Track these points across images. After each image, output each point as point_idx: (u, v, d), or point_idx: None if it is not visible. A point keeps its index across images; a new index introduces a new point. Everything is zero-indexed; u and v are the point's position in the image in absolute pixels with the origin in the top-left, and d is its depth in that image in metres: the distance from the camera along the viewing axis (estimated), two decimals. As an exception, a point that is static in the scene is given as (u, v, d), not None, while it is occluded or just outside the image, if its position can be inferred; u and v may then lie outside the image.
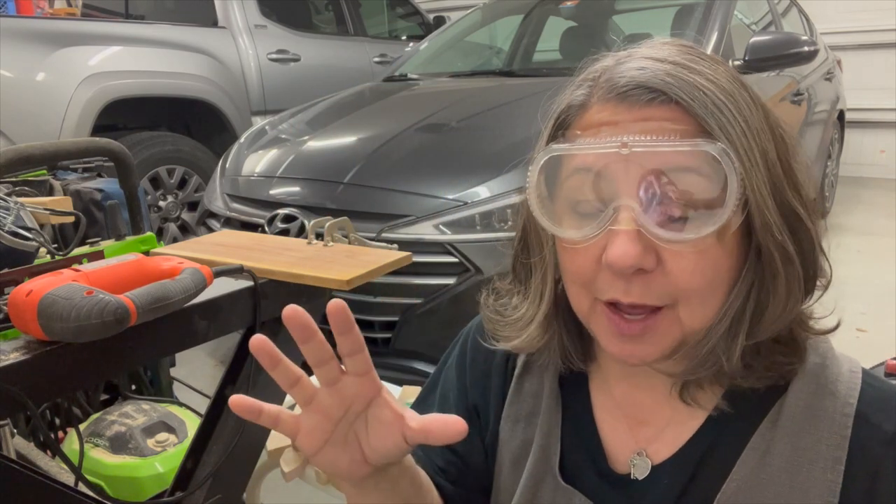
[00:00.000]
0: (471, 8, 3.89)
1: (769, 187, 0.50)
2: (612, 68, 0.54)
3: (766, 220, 0.50)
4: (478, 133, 2.35)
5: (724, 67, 0.53)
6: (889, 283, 3.16)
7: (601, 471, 0.62)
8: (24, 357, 0.68)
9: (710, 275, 0.51)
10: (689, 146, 0.48)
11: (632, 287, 0.51)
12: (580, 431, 0.64)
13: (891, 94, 5.44)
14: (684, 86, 0.49)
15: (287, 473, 1.28)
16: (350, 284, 0.92)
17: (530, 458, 0.64)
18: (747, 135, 0.49)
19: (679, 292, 0.51)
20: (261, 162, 2.50)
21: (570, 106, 0.55)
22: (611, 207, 0.50)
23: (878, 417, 0.53)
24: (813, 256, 0.54)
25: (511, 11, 3.83)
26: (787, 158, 0.53)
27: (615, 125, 0.51)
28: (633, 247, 0.49)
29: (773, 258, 0.51)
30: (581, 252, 0.53)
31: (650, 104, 0.50)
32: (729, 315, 0.53)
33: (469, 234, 1.90)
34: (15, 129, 2.97)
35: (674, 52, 0.53)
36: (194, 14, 3.93)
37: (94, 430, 1.45)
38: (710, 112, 0.49)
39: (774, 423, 0.55)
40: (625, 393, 0.63)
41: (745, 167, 0.48)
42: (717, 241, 0.50)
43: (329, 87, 3.76)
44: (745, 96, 0.52)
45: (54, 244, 1.16)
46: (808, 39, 2.66)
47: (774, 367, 0.55)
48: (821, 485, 0.52)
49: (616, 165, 0.50)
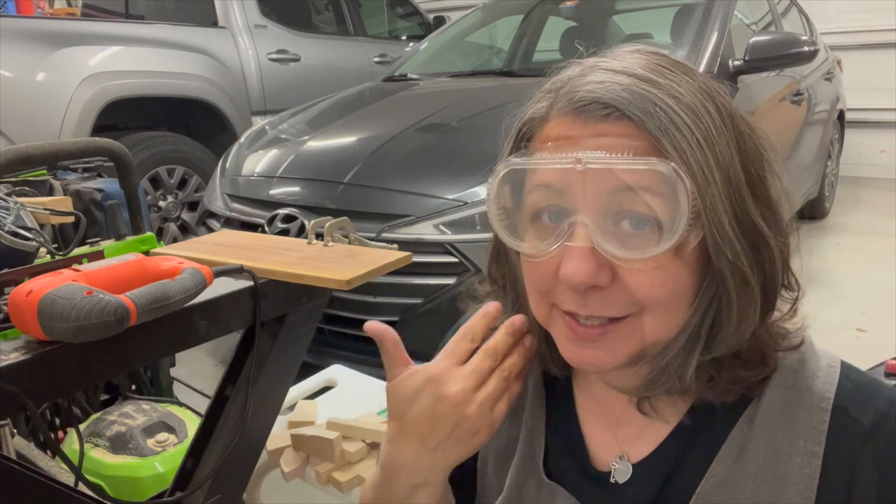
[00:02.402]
0: (471, 8, 3.89)
1: (727, 204, 0.49)
2: (573, 80, 0.53)
3: (717, 240, 0.49)
4: (478, 133, 2.35)
5: (691, 79, 0.52)
6: (889, 283, 3.16)
7: (584, 469, 0.62)
8: (24, 357, 0.68)
9: (670, 287, 0.50)
10: (641, 164, 0.47)
11: (588, 301, 0.51)
12: (564, 430, 0.64)
13: (891, 94, 5.44)
14: (640, 101, 0.48)
15: (287, 473, 1.28)
16: (350, 284, 0.92)
17: (516, 456, 0.65)
18: (705, 151, 0.48)
19: (643, 302, 0.51)
20: (261, 162, 2.50)
21: (532, 118, 0.56)
22: (566, 223, 0.51)
23: (855, 411, 0.53)
24: (774, 275, 0.52)
25: (511, 11, 3.83)
26: (758, 171, 0.52)
27: (572, 140, 0.51)
28: (586, 264, 0.49)
29: (725, 277, 0.50)
30: (539, 265, 0.53)
31: (605, 119, 0.49)
32: (686, 331, 0.52)
33: (469, 234, 1.90)
34: (15, 129, 2.97)
35: (639, 62, 0.52)
36: (194, 14, 3.93)
37: (94, 430, 1.45)
38: (663, 129, 0.48)
39: (751, 420, 0.55)
40: (602, 394, 0.63)
41: (699, 186, 0.47)
42: (674, 256, 0.49)
43: (329, 87, 3.77)
44: (710, 108, 0.50)
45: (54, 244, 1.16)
46: (808, 39, 2.65)
47: (738, 380, 0.54)
48: (798, 479, 0.52)
49: (572, 181, 0.50)
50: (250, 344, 0.96)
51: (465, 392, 0.56)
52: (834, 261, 3.56)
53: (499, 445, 0.67)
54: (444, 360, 0.58)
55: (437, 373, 0.57)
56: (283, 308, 0.98)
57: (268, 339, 0.99)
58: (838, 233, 4.10)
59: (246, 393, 0.96)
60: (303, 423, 1.36)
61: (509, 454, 0.66)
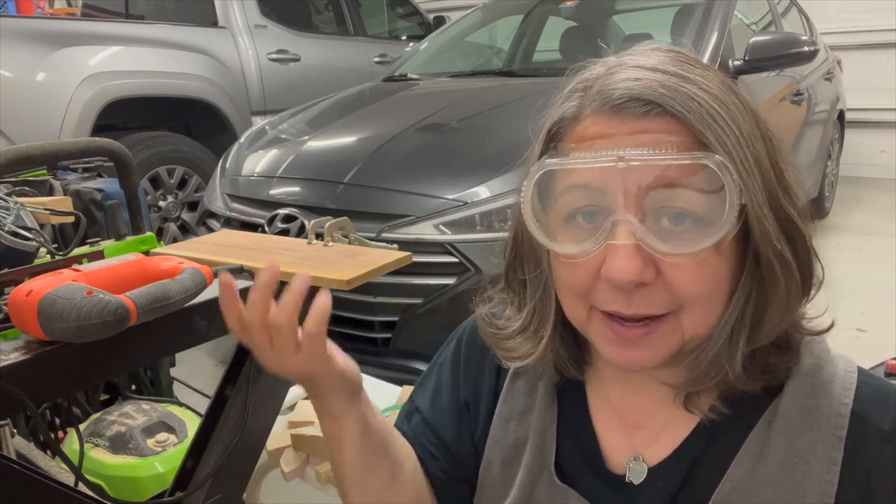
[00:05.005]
0: (471, 8, 3.89)
1: (765, 195, 0.50)
2: (603, 78, 0.53)
3: (764, 229, 0.50)
4: (478, 133, 2.35)
5: (714, 73, 0.53)
6: (889, 283, 3.16)
7: (597, 471, 0.62)
8: (24, 357, 0.68)
9: (711, 282, 0.51)
10: (687, 159, 0.48)
11: (632, 300, 0.51)
12: (576, 432, 0.64)
13: (891, 94, 5.44)
14: (679, 97, 0.49)
15: (287, 473, 1.28)
16: (350, 284, 0.92)
17: (526, 457, 0.64)
18: (741, 143, 0.49)
19: (683, 300, 0.51)
20: (261, 162, 2.50)
21: (562, 118, 0.55)
22: (609, 222, 0.50)
23: (873, 416, 0.53)
24: (808, 259, 0.54)
25: (511, 11, 3.83)
26: (777, 162, 0.53)
27: (610, 138, 0.50)
28: (633, 262, 0.49)
29: (772, 265, 0.51)
30: (579, 266, 0.53)
31: (645, 116, 0.50)
32: (730, 323, 0.53)
33: (469, 234, 1.90)
34: (15, 129, 2.97)
35: (665, 59, 0.52)
36: (194, 14, 3.93)
37: (94, 430, 1.45)
38: (705, 123, 0.48)
39: (770, 424, 0.55)
40: (621, 397, 0.63)
41: (742, 177, 0.48)
42: (715, 249, 0.50)
43: (329, 87, 3.76)
44: (737, 102, 0.51)
45: (54, 244, 1.16)
46: (808, 39, 2.65)
47: (770, 368, 0.55)
48: (816, 485, 0.52)
49: (612, 179, 0.50)
50: (250, 344, 0.96)
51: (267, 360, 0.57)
52: (834, 261, 3.55)
53: (505, 446, 0.67)
54: None
55: None
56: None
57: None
58: (838, 233, 4.10)
59: (246, 393, 0.96)
60: (303, 423, 1.36)
61: (516, 455, 0.65)
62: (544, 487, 0.63)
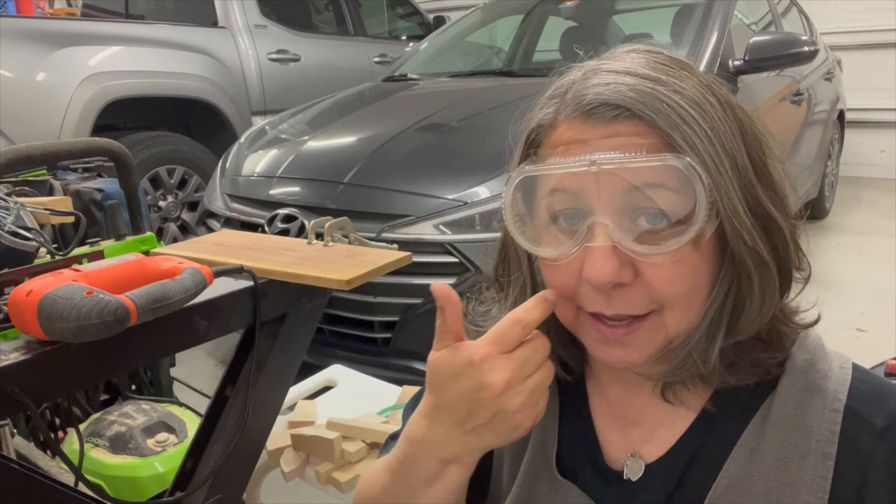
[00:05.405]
0: (471, 8, 3.89)
1: (739, 192, 0.50)
2: (578, 83, 0.54)
3: (735, 227, 0.50)
4: (478, 133, 2.35)
5: (690, 73, 0.53)
6: (889, 283, 3.16)
7: (597, 467, 0.62)
8: (24, 357, 0.68)
9: (690, 280, 0.51)
10: (656, 161, 0.48)
11: (613, 300, 0.52)
12: (577, 428, 0.65)
13: (891, 94, 5.44)
14: (647, 100, 0.49)
15: (287, 473, 1.28)
16: (350, 284, 0.92)
17: (527, 453, 0.65)
18: (714, 142, 0.50)
19: (663, 299, 0.52)
20: (261, 162, 2.50)
21: (539, 125, 0.56)
22: (585, 225, 0.51)
23: (867, 412, 0.54)
24: (788, 255, 0.54)
25: (511, 11, 3.84)
26: (760, 158, 0.53)
27: (583, 143, 0.51)
28: (609, 263, 0.50)
29: (745, 262, 0.52)
30: (561, 268, 0.54)
31: (615, 120, 0.50)
32: (707, 318, 0.54)
33: (469, 234, 1.90)
34: (15, 129, 2.97)
35: (640, 62, 0.53)
36: (194, 14, 3.93)
37: (94, 430, 1.45)
38: (674, 125, 0.49)
39: (764, 420, 0.55)
40: (616, 394, 0.64)
41: (712, 177, 0.49)
42: (692, 248, 0.50)
43: (329, 87, 3.77)
44: (713, 101, 0.52)
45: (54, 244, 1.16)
46: (808, 39, 2.66)
47: (759, 363, 0.55)
48: (811, 480, 0.52)
49: (587, 183, 0.51)
50: (250, 344, 0.96)
51: (509, 383, 0.52)
52: (834, 261, 3.55)
53: (513, 445, 0.67)
54: (490, 345, 0.53)
55: (479, 358, 0.52)
56: (283, 308, 0.98)
57: (268, 339, 0.99)
58: (838, 233, 4.10)
59: (246, 393, 0.96)
60: (303, 423, 1.36)
61: (522, 453, 0.66)
62: (545, 483, 0.63)
